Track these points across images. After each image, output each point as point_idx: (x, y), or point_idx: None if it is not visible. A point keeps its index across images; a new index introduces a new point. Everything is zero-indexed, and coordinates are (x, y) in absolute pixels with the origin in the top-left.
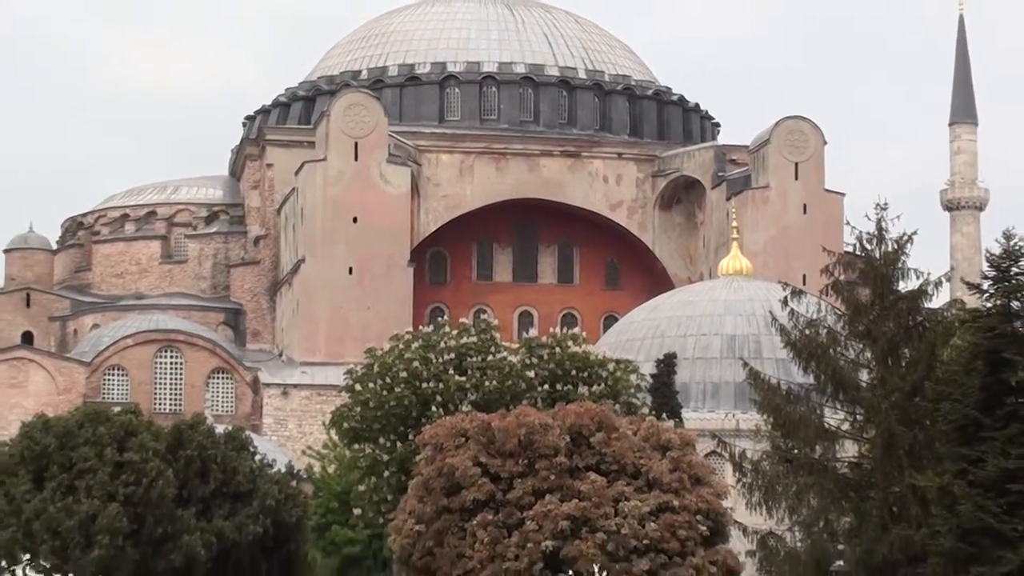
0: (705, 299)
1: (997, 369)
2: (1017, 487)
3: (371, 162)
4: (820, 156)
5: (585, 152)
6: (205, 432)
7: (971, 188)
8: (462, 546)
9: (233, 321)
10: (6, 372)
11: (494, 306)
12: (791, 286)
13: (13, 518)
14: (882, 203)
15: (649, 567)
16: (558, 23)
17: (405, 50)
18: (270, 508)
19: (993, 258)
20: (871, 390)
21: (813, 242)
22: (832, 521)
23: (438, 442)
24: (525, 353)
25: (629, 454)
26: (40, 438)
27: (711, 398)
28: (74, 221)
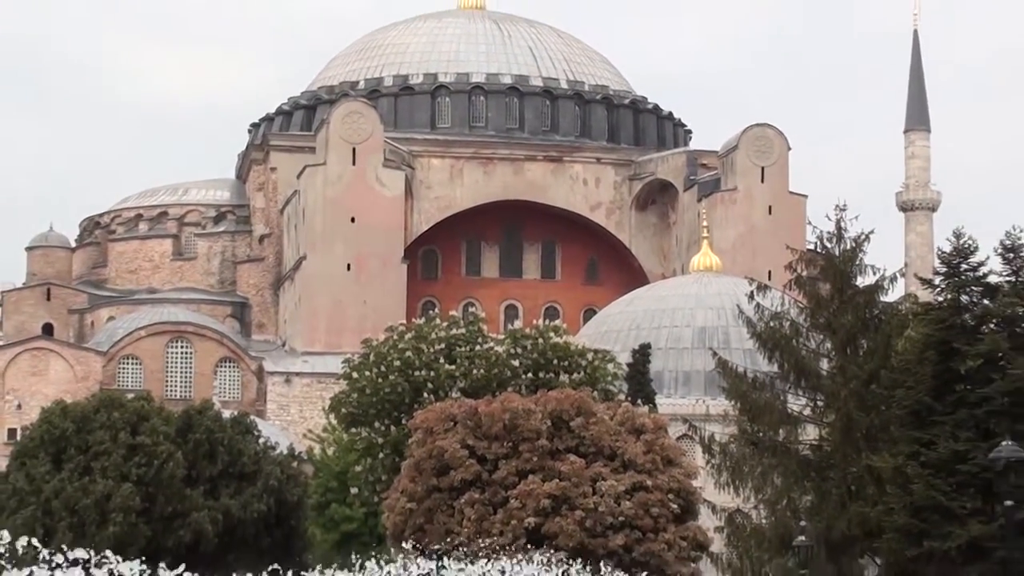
0: (677, 294)
1: (948, 358)
2: (966, 468)
3: (368, 166)
4: (784, 161)
5: (566, 157)
6: (213, 417)
7: (924, 190)
8: (451, 523)
9: (239, 314)
10: (28, 361)
11: (482, 300)
12: (757, 281)
13: (33, 497)
14: (841, 204)
15: (624, 542)
16: (541, 37)
17: (399, 62)
18: (273, 488)
19: (944, 255)
20: (831, 378)
21: (778, 240)
22: (795, 499)
23: (429, 426)
24: (510, 344)
25: (606, 437)
26: (59, 423)
27: (683, 385)
28: (91, 221)
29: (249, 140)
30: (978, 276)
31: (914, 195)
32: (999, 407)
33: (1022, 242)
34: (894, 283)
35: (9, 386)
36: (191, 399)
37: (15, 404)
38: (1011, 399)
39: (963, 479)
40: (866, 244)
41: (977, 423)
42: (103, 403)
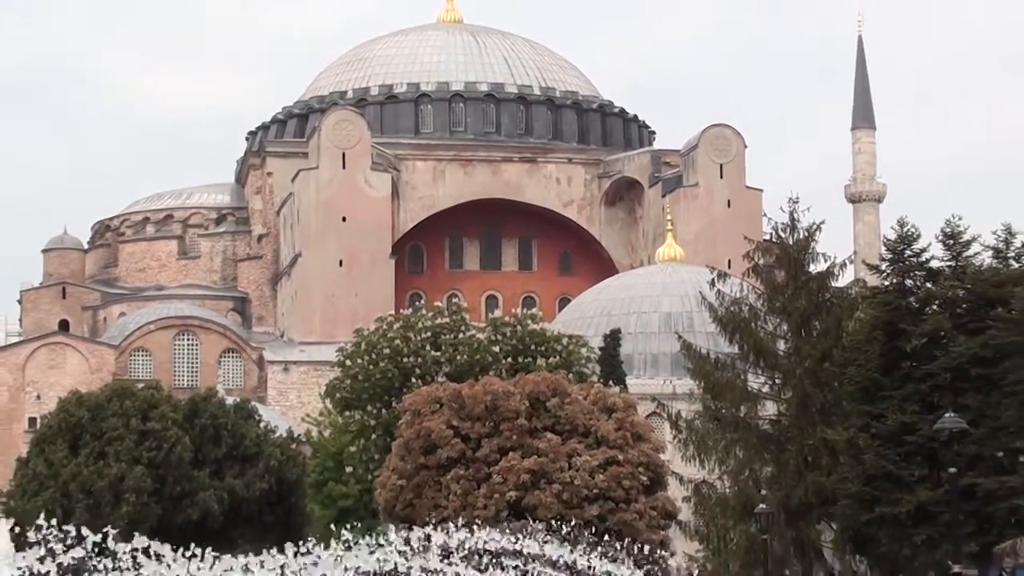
0: (645, 282)
1: (894, 338)
2: (912, 439)
3: (357, 169)
4: (741, 158)
5: (540, 158)
6: (217, 404)
7: (871, 183)
8: (438, 497)
9: (240, 308)
10: (46, 355)
11: (464, 291)
12: (718, 270)
13: (52, 480)
14: (794, 197)
15: (599, 512)
16: (515, 47)
17: (384, 73)
18: (274, 468)
19: (890, 243)
20: (787, 358)
21: (736, 232)
22: (756, 470)
23: (417, 408)
24: (491, 331)
25: (580, 416)
26: (75, 411)
27: (651, 367)
28: (102, 224)
29: (247, 147)
30: (921, 262)
31: (861, 188)
32: (942, 382)
33: (961, 230)
34: (844, 269)
35: (29, 378)
36: (197, 387)
37: (34, 395)
38: (953, 375)
39: (910, 449)
40: (818, 234)
41: (922, 397)
42: (116, 392)
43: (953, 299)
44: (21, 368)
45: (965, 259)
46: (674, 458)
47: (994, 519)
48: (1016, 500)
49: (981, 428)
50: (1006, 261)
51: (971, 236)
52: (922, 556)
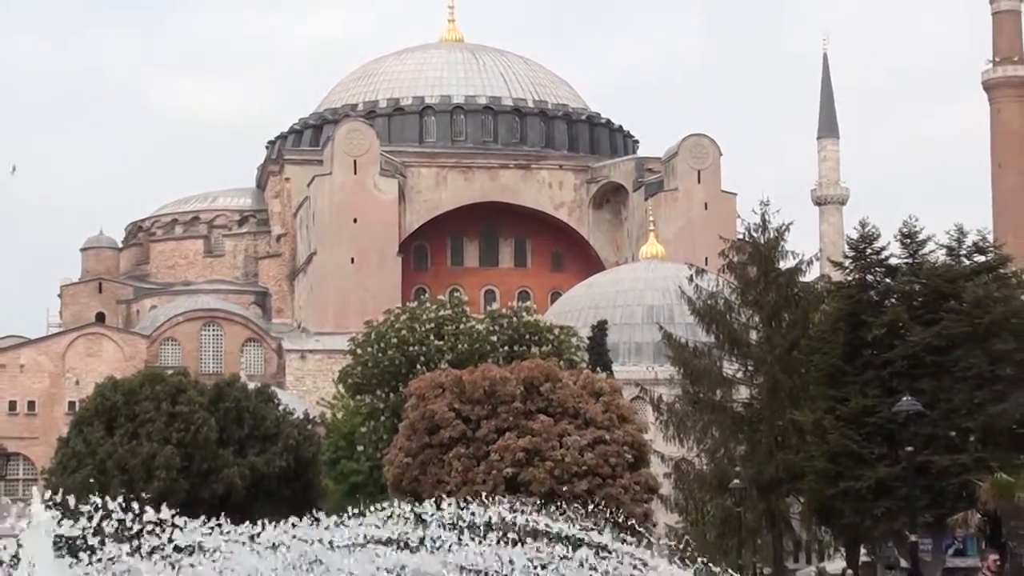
0: (629, 278)
1: (856, 328)
2: (873, 420)
3: (367, 175)
4: (717, 164)
5: (534, 164)
6: (240, 388)
7: (835, 188)
8: (441, 473)
9: (261, 301)
10: (84, 344)
11: (465, 286)
12: (696, 267)
13: (90, 458)
14: (765, 200)
15: (587, 487)
16: (511, 64)
17: (392, 87)
18: (292, 447)
19: (852, 242)
20: (759, 346)
21: (712, 232)
22: (730, 449)
23: (421, 393)
24: (489, 322)
25: (571, 399)
26: (110, 395)
27: (635, 355)
28: (135, 225)
29: (267, 155)
30: (881, 259)
31: (826, 191)
32: (900, 369)
33: (917, 230)
34: (810, 266)
35: (68, 365)
36: (221, 374)
37: (74, 381)
38: (910, 362)
39: (871, 430)
40: (786, 233)
41: (882, 382)
42: (147, 378)
43: (910, 293)
44: (61, 356)
45: (921, 257)
46: (656, 438)
47: (947, 493)
48: (967, 476)
49: (935, 410)
50: (958, 258)
51: (926, 236)
52: (881, 527)
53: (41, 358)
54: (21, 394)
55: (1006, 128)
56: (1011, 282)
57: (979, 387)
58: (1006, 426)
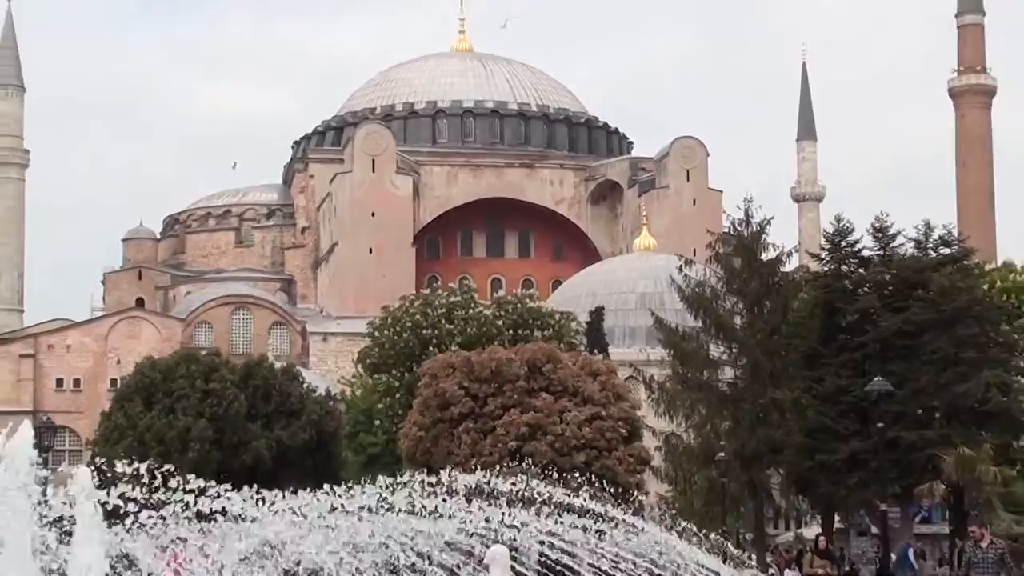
0: (624, 267)
1: (832, 315)
2: (847, 398)
3: (384, 173)
4: (704, 164)
5: (537, 164)
6: (267, 368)
7: (812, 186)
8: (451, 446)
9: (287, 288)
10: (125, 327)
11: (473, 275)
12: (685, 258)
13: (130, 431)
14: (749, 197)
15: (585, 459)
16: (516, 71)
17: (407, 92)
18: (314, 421)
19: (828, 235)
20: (742, 331)
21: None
22: (716, 424)
23: (434, 372)
24: (495, 308)
25: (570, 379)
26: (149, 373)
27: (629, 338)
28: (172, 218)
29: (293, 154)
30: (855, 251)
31: (805, 189)
32: (872, 352)
33: (888, 225)
34: (790, 257)
35: (111, 346)
36: (251, 354)
37: (115, 360)
38: (881, 345)
39: (845, 407)
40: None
41: (855, 364)
42: (183, 358)
43: (881, 282)
44: (104, 338)
45: (891, 249)
46: (648, 414)
47: (914, 466)
48: (932, 450)
49: (904, 390)
50: (925, 251)
51: (896, 230)
52: (854, 496)
53: (86, 339)
54: (67, 372)
55: (969, 132)
56: (973, 273)
57: (944, 369)
58: (968, 405)
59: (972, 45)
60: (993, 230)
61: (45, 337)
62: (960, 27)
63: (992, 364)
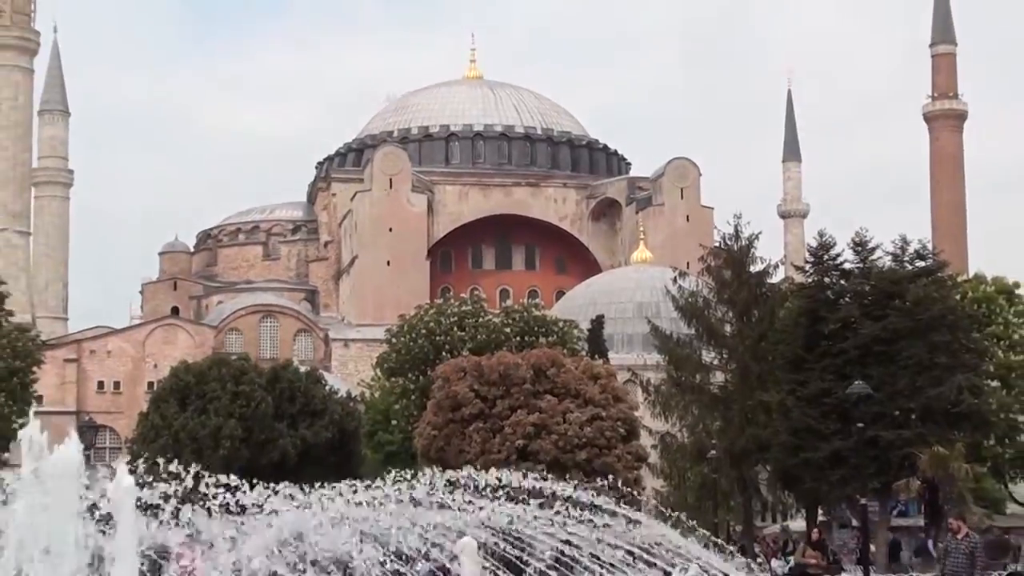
0: (622, 279)
1: (815, 323)
2: (829, 400)
3: (401, 191)
4: (697, 183)
5: (542, 183)
6: (293, 371)
7: (797, 203)
8: (463, 444)
9: (311, 298)
10: (161, 334)
11: (483, 286)
12: (679, 270)
13: (166, 430)
14: (738, 214)
15: (587, 456)
16: (523, 98)
17: (422, 117)
18: (336, 421)
19: (812, 250)
20: (732, 338)
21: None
22: (708, 424)
23: (446, 375)
24: (503, 316)
25: (573, 382)
26: (183, 377)
27: (627, 344)
28: (205, 232)
29: (316, 174)
30: (836, 264)
31: (790, 207)
32: (852, 357)
33: (867, 239)
34: (776, 269)
35: (148, 351)
36: (277, 359)
37: (152, 364)
38: (861, 351)
39: (827, 409)
40: (756, 242)
41: (837, 368)
42: (215, 363)
43: (861, 293)
44: (142, 343)
45: (870, 262)
46: (645, 415)
47: (892, 463)
48: (909, 449)
49: (882, 393)
50: (902, 264)
51: (875, 244)
52: (836, 491)
53: (125, 345)
54: (108, 375)
55: (942, 153)
56: (947, 284)
57: (919, 373)
58: (942, 406)
59: (945, 73)
60: (965, 244)
61: (88, 343)
62: (934, 56)
63: (964, 369)
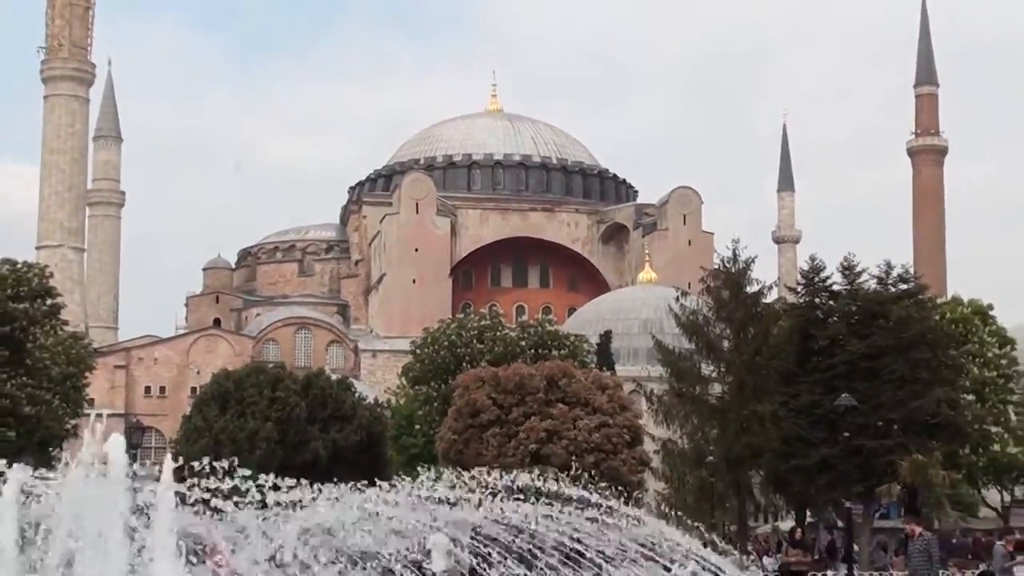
0: (629, 298)
1: (806, 340)
2: (818, 411)
3: (426, 215)
4: (699, 210)
5: (556, 208)
6: (325, 379)
7: (791, 230)
8: (480, 448)
9: (342, 311)
10: (204, 343)
11: (500, 302)
12: (681, 289)
13: (207, 432)
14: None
15: (594, 460)
16: (540, 130)
17: (446, 146)
18: (364, 425)
19: (803, 272)
20: (729, 352)
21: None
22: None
23: (466, 385)
24: (519, 331)
25: (582, 392)
26: (224, 383)
27: (633, 357)
28: (245, 250)
29: (348, 197)
30: (826, 286)
31: (784, 233)
32: (840, 372)
33: (855, 263)
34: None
35: (191, 359)
36: (311, 368)
37: (195, 371)
38: (847, 367)
39: (816, 419)
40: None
41: (825, 382)
42: (253, 370)
43: (848, 313)
44: (186, 352)
45: (857, 284)
46: (648, 423)
47: (875, 469)
48: (891, 456)
49: (866, 405)
50: (886, 286)
51: (861, 268)
52: (823, 495)
53: (170, 353)
54: (155, 381)
55: (924, 185)
56: (927, 306)
57: (901, 387)
58: (922, 418)
59: (927, 111)
60: (944, 269)
61: (136, 351)
62: (917, 96)
63: (942, 384)
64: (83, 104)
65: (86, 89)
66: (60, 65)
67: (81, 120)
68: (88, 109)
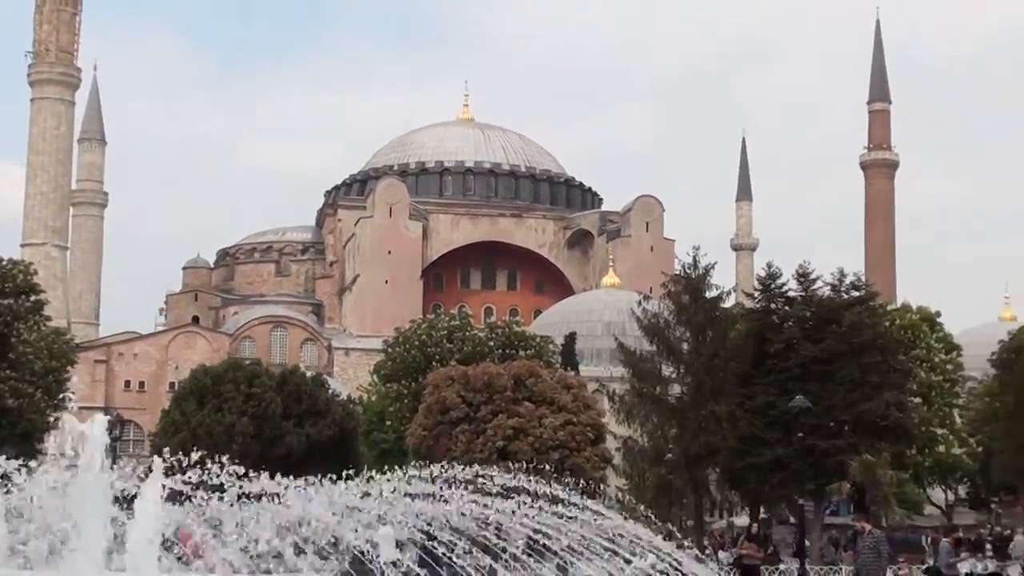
0: (593, 301)
1: (762, 344)
2: (773, 412)
3: (399, 219)
4: (661, 218)
5: (524, 214)
6: (300, 376)
7: (748, 238)
8: (449, 444)
9: (317, 311)
10: (183, 340)
11: (470, 304)
12: (643, 294)
13: (185, 426)
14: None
15: (559, 457)
16: (509, 139)
17: (420, 153)
18: (337, 421)
19: (760, 279)
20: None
21: (657, 268)
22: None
23: (436, 383)
24: (488, 332)
25: (548, 391)
26: (201, 379)
27: (596, 358)
28: (224, 251)
29: (324, 201)
30: (781, 292)
31: (742, 240)
32: (794, 374)
33: (809, 271)
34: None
35: (170, 355)
36: (286, 365)
37: (174, 367)
38: (801, 369)
39: (771, 419)
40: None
41: (780, 384)
42: (230, 367)
43: (802, 318)
44: (165, 348)
45: (811, 291)
46: (610, 421)
47: (826, 468)
48: (842, 456)
49: (819, 406)
50: (839, 293)
51: (816, 275)
52: (777, 492)
53: (150, 349)
54: (134, 376)
55: (876, 197)
56: (878, 312)
57: (852, 390)
58: (872, 420)
59: (880, 126)
60: (894, 277)
61: (116, 346)
62: (871, 112)
63: (891, 387)
64: (68, 107)
65: (72, 93)
66: (47, 69)
67: (66, 123)
68: (73, 112)
